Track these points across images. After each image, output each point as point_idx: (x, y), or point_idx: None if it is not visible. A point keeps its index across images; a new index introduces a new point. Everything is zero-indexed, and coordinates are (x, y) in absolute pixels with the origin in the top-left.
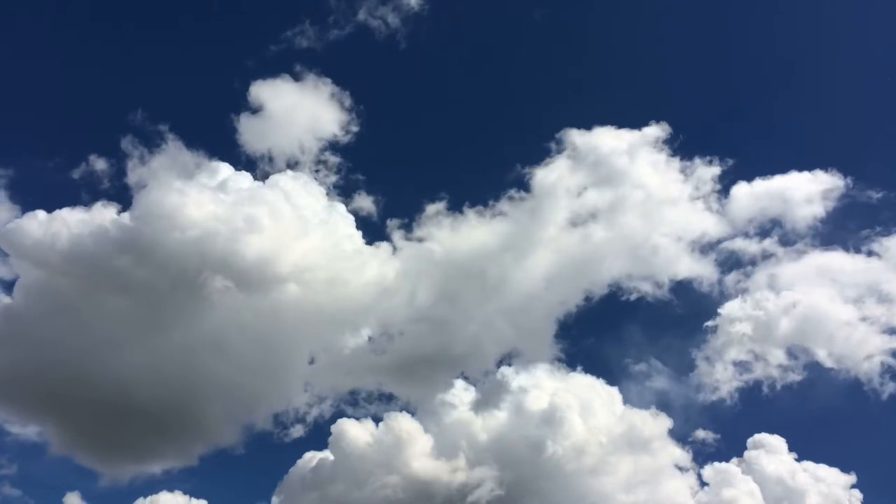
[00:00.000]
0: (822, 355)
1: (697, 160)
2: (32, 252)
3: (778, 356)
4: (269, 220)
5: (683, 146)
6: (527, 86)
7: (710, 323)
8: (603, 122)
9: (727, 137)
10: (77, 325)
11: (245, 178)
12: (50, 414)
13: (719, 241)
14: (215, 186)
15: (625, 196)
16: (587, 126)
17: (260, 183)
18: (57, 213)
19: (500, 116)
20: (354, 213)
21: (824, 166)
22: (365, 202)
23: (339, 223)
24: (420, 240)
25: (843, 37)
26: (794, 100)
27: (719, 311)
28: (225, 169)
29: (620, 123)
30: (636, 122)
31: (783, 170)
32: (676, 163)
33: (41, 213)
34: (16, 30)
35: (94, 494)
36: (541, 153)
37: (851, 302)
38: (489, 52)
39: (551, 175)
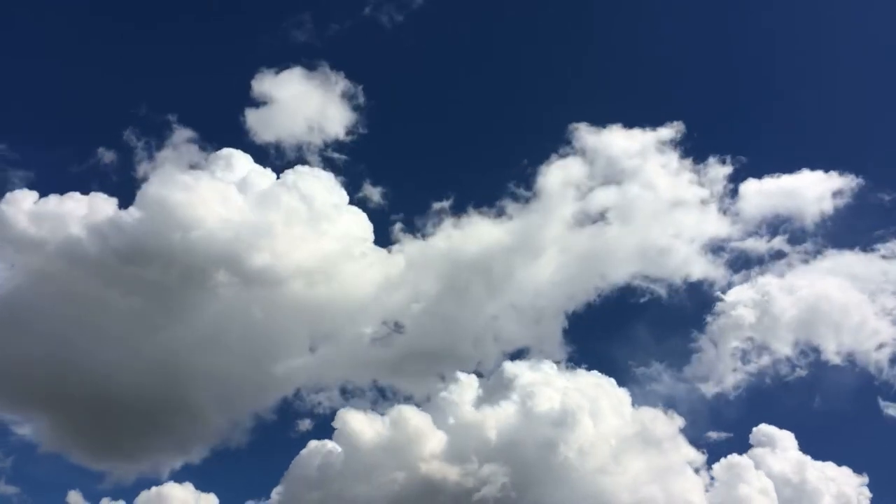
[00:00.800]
0: (833, 345)
1: (709, 159)
2: (28, 242)
3: (786, 348)
4: (275, 214)
5: (694, 145)
6: (536, 84)
7: (717, 307)
8: (612, 121)
9: (738, 137)
10: (75, 319)
11: (253, 170)
12: (46, 410)
13: (729, 241)
14: (224, 179)
15: (634, 195)
16: (597, 125)
17: (269, 175)
18: (56, 203)
19: (508, 114)
20: (360, 207)
21: (837, 166)
22: (371, 198)
23: (346, 218)
24: (426, 236)
25: (859, 37)
26: (808, 99)
27: (724, 296)
28: (235, 160)
29: (630, 122)
30: (646, 121)
31: (795, 169)
32: (686, 162)
33: (39, 202)
34: (24, 28)
35: (97, 491)
36: (550, 152)
37: (863, 294)
38: (498, 50)
39: (560, 174)
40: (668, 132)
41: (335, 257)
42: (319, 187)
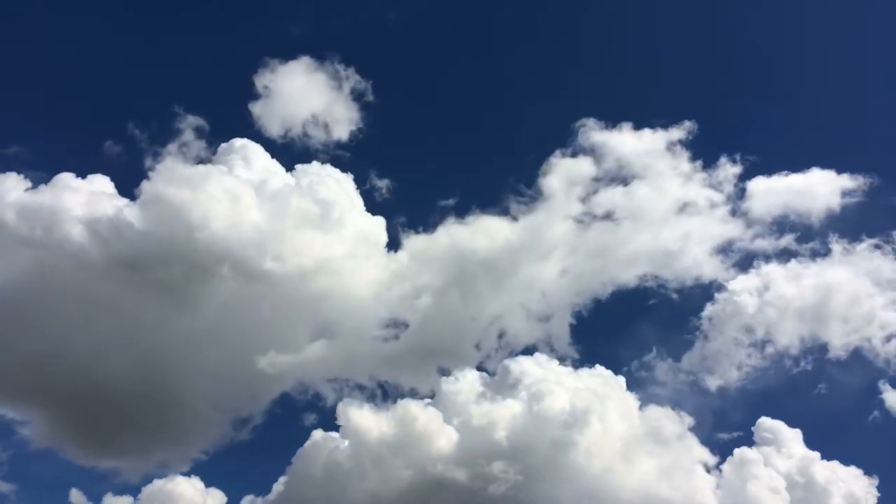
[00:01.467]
0: (840, 337)
1: (719, 158)
2: (20, 237)
3: (793, 341)
4: (287, 212)
5: (704, 144)
6: (544, 81)
7: (724, 304)
8: (622, 120)
9: (749, 136)
10: (73, 315)
11: (263, 165)
12: (45, 408)
13: (739, 241)
14: (232, 174)
15: (643, 195)
16: (606, 123)
17: (279, 170)
18: (56, 192)
19: (516, 112)
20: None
21: (847, 166)
22: (376, 193)
23: (362, 223)
24: (431, 233)
25: (872, 36)
26: (818, 98)
27: (729, 288)
28: (244, 153)
29: (640, 121)
30: (656, 121)
31: (804, 168)
32: (695, 161)
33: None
34: (26, 19)
35: (101, 486)
36: (558, 150)
37: (871, 288)
38: (507, 48)
39: (568, 172)
40: (677, 132)
41: (340, 253)
42: (336, 189)
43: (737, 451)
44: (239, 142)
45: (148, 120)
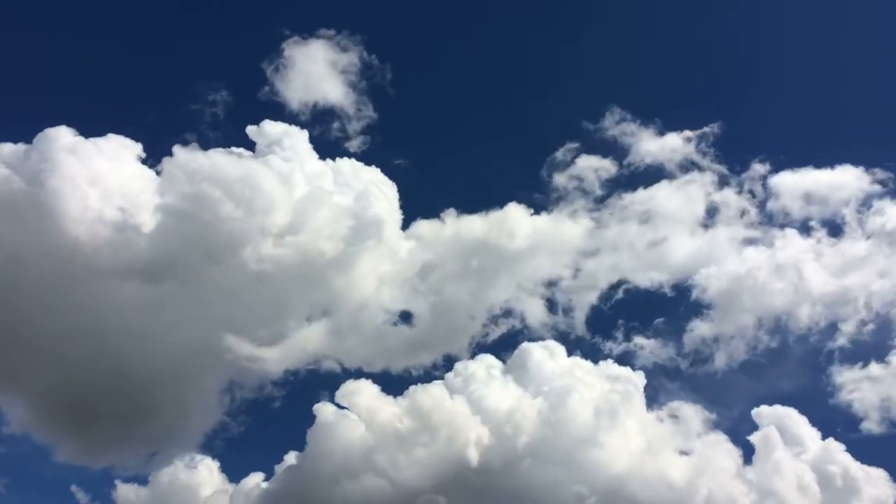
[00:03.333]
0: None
1: (745, 158)
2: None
3: (816, 328)
4: (279, 192)
5: (730, 143)
6: (566, 79)
7: (739, 298)
8: (647, 119)
9: (775, 134)
10: (75, 304)
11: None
12: (49, 402)
13: (763, 239)
14: (258, 160)
15: (665, 193)
16: (631, 122)
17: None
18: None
19: (539, 108)
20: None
21: (874, 162)
22: (391, 176)
23: (364, 198)
24: (445, 223)
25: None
26: (846, 95)
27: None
28: (267, 137)
29: (666, 121)
30: (681, 121)
31: (832, 165)
32: (721, 158)
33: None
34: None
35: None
36: (578, 147)
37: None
38: (531, 45)
39: (588, 170)
40: (701, 132)
41: (354, 241)
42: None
43: (758, 442)
44: (270, 126)
45: (165, 102)
